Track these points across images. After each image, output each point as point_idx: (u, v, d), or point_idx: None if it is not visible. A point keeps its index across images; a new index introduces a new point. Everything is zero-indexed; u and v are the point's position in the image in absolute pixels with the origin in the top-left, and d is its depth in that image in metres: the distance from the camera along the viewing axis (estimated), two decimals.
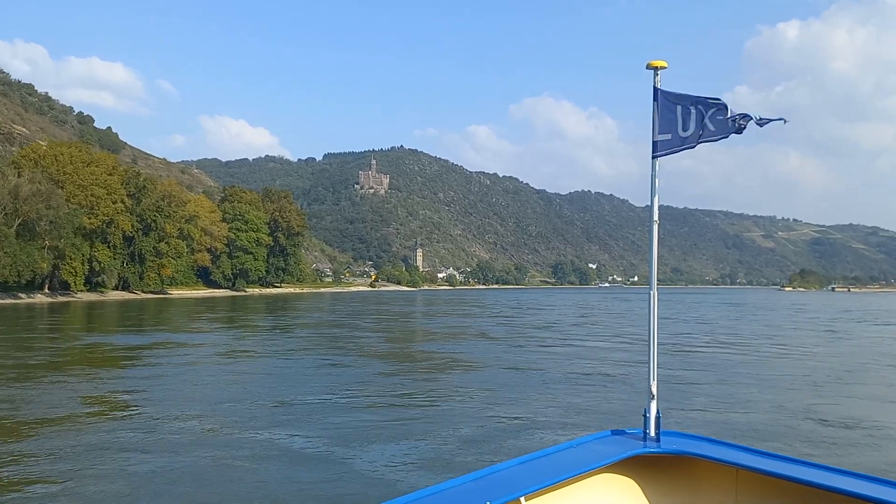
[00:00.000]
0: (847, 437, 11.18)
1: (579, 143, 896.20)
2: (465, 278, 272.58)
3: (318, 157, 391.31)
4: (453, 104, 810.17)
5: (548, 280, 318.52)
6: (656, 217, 3.98)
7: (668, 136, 3.88)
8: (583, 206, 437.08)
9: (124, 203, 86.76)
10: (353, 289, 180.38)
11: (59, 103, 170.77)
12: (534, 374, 18.91)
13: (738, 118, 3.69)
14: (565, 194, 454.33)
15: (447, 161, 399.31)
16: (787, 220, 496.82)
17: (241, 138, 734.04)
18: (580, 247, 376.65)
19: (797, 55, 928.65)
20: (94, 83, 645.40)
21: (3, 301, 68.48)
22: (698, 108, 3.77)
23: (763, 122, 3.67)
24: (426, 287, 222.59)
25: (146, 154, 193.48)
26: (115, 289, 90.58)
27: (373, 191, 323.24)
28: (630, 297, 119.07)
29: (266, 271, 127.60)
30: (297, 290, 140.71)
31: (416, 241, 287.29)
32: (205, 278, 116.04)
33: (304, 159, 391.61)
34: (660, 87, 3.90)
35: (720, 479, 3.42)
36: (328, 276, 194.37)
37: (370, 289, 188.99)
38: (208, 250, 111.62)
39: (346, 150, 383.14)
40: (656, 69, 3.90)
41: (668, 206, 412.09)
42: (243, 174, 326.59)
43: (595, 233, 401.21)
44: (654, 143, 3.92)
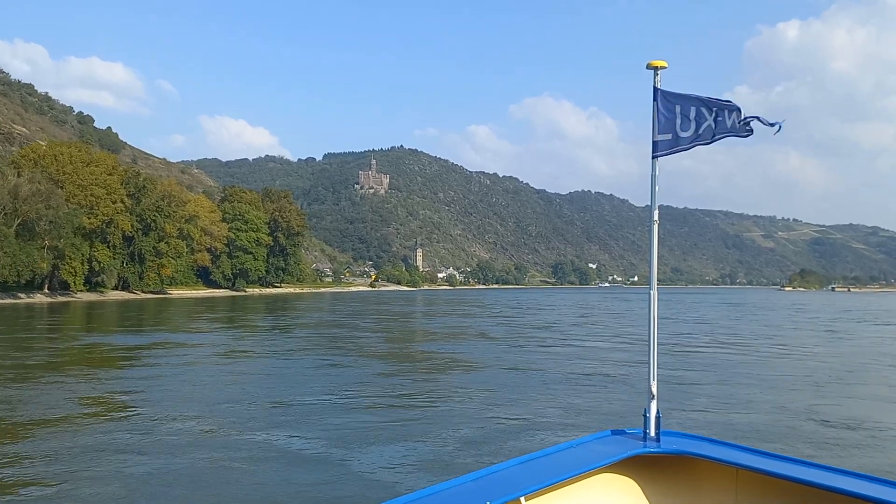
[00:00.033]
0: (850, 438, 11.10)
1: (579, 143, 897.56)
2: (465, 278, 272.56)
3: (318, 157, 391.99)
4: (453, 104, 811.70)
5: (548, 280, 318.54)
6: (656, 217, 4.01)
7: (669, 136, 3.90)
8: (583, 206, 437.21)
9: (124, 203, 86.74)
10: (353, 289, 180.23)
11: (59, 103, 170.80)
12: (534, 374, 18.84)
13: (738, 121, 3.70)
14: (565, 194, 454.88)
15: (447, 161, 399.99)
16: (787, 220, 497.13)
17: (241, 138, 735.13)
18: (580, 247, 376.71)
19: (797, 55, 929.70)
20: (94, 83, 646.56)
21: (3, 301, 68.43)
22: (699, 108, 3.79)
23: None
24: (426, 287, 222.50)
25: (146, 154, 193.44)
26: (114, 289, 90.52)
27: (373, 191, 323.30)
28: (630, 297, 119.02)
29: (266, 271, 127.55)
30: (297, 290, 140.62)
31: (416, 241, 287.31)
32: (205, 278, 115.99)
33: (304, 159, 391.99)
34: (660, 87, 3.92)
35: (720, 479, 3.42)
36: (328, 276, 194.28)
37: (370, 289, 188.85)
38: (208, 250, 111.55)
39: (346, 150, 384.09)
40: (656, 69, 3.93)
41: (668, 206, 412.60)
42: (243, 174, 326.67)
43: (595, 233, 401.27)
44: (654, 143, 3.94)
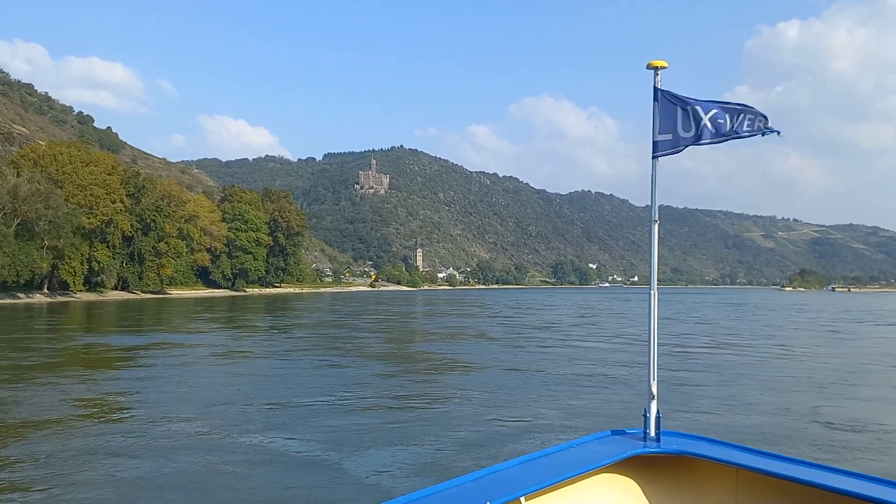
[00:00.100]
0: (855, 440, 10.94)
1: (579, 143, 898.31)
2: (465, 278, 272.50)
3: (318, 157, 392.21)
4: (453, 104, 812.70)
5: (548, 280, 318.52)
6: (656, 217, 4.03)
7: (669, 137, 3.91)
8: (583, 205, 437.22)
9: (123, 203, 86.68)
10: (353, 289, 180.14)
11: (58, 103, 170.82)
12: (533, 375, 18.68)
13: (741, 123, 3.74)
14: (565, 194, 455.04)
15: (447, 161, 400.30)
16: (787, 220, 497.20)
17: (241, 138, 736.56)
18: (580, 247, 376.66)
19: (797, 55, 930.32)
20: (94, 83, 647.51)
21: (2, 301, 68.32)
22: (699, 109, 3.80)
23: (767, 132, 3.75)
24: (426, 287, 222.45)
25: (146, 154, 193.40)
26: (114, 289, 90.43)
27: (373, 191, 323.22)
28: (630, 297, 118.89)
29: (266, 271, 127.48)
30: (297, 290, 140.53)
31: (416, 241, 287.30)
32: (204, 278, 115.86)
33: (304, 159, 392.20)
34: (660, 87, 3.94)
35: (720, 479, 3.43)
36: (328, 276, 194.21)
37: (370, 289, 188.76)
38: (208, 250, 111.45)
39: (346, 150, 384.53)
40: (656, 69, 3.96)
41: (668, 206, 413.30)
42: (243, 174, 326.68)
43: (595, 233, 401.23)
44: (655, 143, 3.96)
